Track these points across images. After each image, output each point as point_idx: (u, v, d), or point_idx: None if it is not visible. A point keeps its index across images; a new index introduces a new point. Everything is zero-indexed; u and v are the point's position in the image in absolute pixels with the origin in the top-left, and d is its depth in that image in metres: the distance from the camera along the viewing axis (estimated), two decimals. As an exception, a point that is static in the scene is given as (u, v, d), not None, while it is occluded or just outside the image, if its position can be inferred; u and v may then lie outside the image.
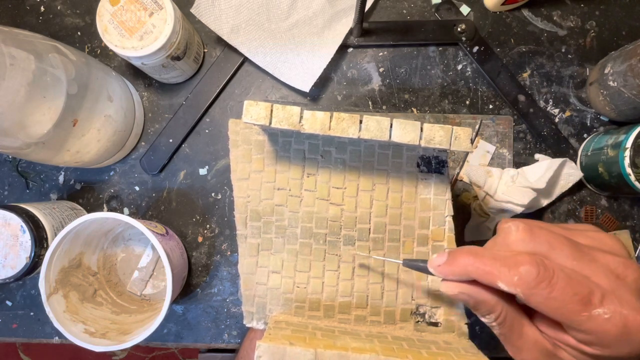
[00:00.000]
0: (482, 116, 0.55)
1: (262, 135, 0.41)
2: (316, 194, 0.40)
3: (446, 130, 0.34)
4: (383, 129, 0.34)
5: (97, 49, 0.58)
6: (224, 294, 0.56)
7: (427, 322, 0.40)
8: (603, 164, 0.49)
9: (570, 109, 0.56)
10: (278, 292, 0.40)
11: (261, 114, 0.34)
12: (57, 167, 0.57)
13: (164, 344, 0.56)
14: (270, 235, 0.41)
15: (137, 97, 0.56)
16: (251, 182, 0.41)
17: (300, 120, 0.34)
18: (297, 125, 0.34)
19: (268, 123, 0.34)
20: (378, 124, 0.34)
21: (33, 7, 0.58)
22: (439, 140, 0.34)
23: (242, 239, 0.41)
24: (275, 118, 0.34)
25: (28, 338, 0.57)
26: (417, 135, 0.34)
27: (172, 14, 0.46)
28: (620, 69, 0.48)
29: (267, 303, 0.41)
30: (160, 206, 0.57)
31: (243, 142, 0.41)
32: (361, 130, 0.34)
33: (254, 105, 0.34)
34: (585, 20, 0.56)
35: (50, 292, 0.46)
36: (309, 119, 0.34)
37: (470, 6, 0.57)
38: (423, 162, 0.40)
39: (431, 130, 0.34)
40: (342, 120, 0.34)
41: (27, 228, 0.47)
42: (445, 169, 0.40)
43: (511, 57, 0.56)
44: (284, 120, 0.34)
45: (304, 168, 0.40)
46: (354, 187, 0.40)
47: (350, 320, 0.40)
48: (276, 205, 0.40)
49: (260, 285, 0.41)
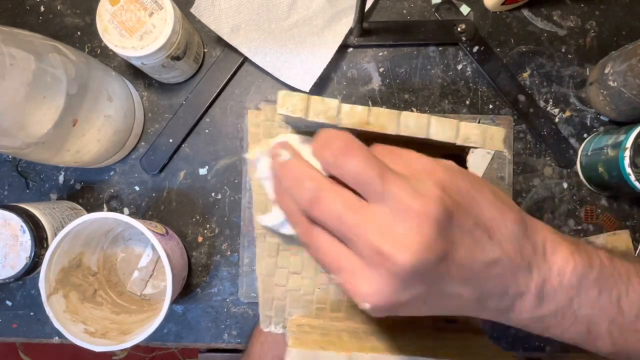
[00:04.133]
0: (482, 116, 0.55)
1: (284, 128, 0.38)
2: None
3: (482, 129, 0.33)
4: (421, 126, 0.33)
5: (97, 49, 0.58)
6: (224, 294, 0.56)
7: (445, 319, 0.39)
8: (603, 164, 0.49)
9: (570, 109, 0.56)
10: (298, 294, 0.39)
11: (298, 105, 0.32)
12: (57, 167, 0.57)
13: (164, 344, 0.56)
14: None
15: (137, 97, 0.56)
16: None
17: (338, 114, 0.33)
18: (335, 119, 0.33)
19: (305, 115, 0.32)
20: (417, 120, 0.33)
21: (33, 7, 0.58)
22: (475, 139, 0.33)
23: (261, 238, 0.38)
24: (313, 111, 0.32)
25: (28, 338, 0.57)
26: (454, 134, 0.33)
27: (172, 14, 0.46)
28: (620, 69, 0.48)
29: (286, 306, 0.39)
30: (160, 206, 0.57)
31: (264, 135, 0.38)
32: (399, 126, 0.33)
33: (291, 96, 0.32)
34: (585, 20, 0.56)
35: (50, 292, 0.46)
36: (348, 112, 0.33)
37: (470, 6, 0.57)
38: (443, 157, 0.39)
39: (467, 128, 0.33)
40: (380, 116, 0.33)
41: (27, 228, 0.47)
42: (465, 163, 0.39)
43: (511, 57, 0.56)
44: (322, 114, 0.32)
45: None
46: None
47: (372, 320, 0.39)
48: None
49: (279, 287, 0.39)
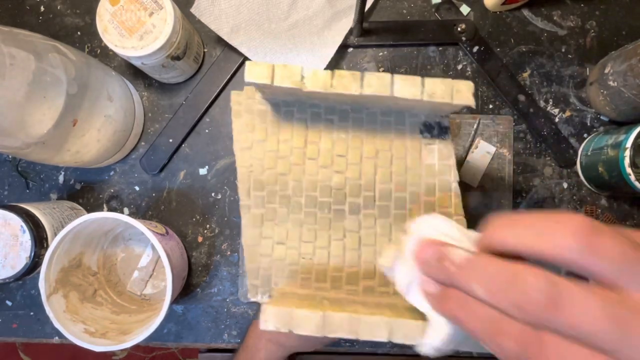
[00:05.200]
0: (482, 116, 0.55)
1: (264, 105, 0.40)
2: (319, 162, 0.40)
3: (447, 84, 0.34)
4: (385, 85, 0.34)
5: (97, 49, 0.58)
6: (224, 294, 0.56)
7: None
8: (603, 164, 0.49)
9: (570, 109, 0.56)
10: (283, 264, 0.39)
11: (263, 73, 0.34)
12: (57, 167, 0.57)
13: (164, 344, 0.56)
14: (274, 205, 0.40)
15: (137, 97, 0.56)
16: (254, 152, 0.40)
17: (302, 78, 0.34)
18: (299, 83, 0.34)
19: (270, 81, 0.34)
20: (380, 79, 0.34)
21: (33, 7, 0.58)
22: (441, 93, 0.34)
23: (245, 209, 0.40)
24: (278, 76, 0.34)
25: (28, 338, 0.57)
26: (418, 90, 0.34)
27: (172, 13, 0.46)
28: (620, 69, 0.48)
29: (272, 275, 0.40)
30: (160, 206, 0.57)
31: (246, 111, 0.40)
32: (363, 86, 0.34)
33: (256, 65, 0.34)
34: (585, 20, 0.56)
35: (50, 292, 0.46)
36: (311, 77, 0.34)
37: (470, 6, 0.57)
38: (426, 129, 0.40)
39: (433, 84, 0.34)
40: (343, 78, 0.34)
41: (27, 228, 0.47)
42: (448, 134, 0.40)
43: (511, 57, 0.56)
44: (286, 79, 0.34)
45: (307, 136, 0.40)
46: (357, 155, 0.40)
47: (358, 291, 0.39)
48: (279, 174, 0.40)
49: (265, 257, 0.40)
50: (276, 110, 0.40)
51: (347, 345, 0.56)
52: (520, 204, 0.55)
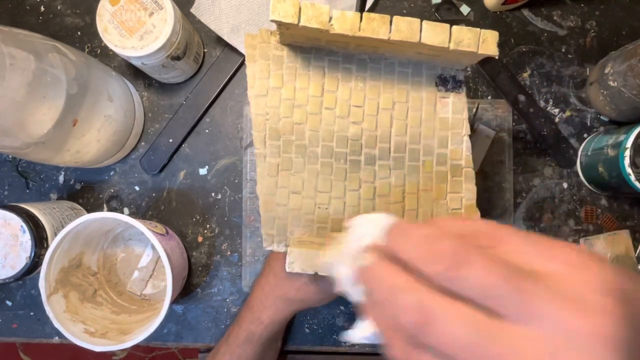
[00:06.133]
0: (481, 100, 0.55)
1: (280, 51, 0.39)
2: (336, 112, 0.39)
3: (474, 32, 0.33)
4: (414, 30, 0.33)
5: (97, 49, 0.58)
6: (224, 294, 0.56)
7: None
8: (603, 164, 0.49)
9: (570, 109, 0.56)
10: (299, 213, 0.39)
11: (289, 11, 0.33)
12: (57, 167, 0.57)
13: (164, 344, 0.56)
14: (290, 155, 0.39)
15: (137, 97, 0.56)
16: (269, 99, 0.39)
17: (329, 19, 0.33)
18: (327, 24, 0.33)
19: (296, 21, 0.33)
20: (409, 24, 0.33)
21: (33, 7, 0.58)
22: (467, 42, 0.33)
23: (260, 158, 0.39)
24: (304, 16, 0.33)
25: (28, 338, 0.57)
26: (446, 37, 0.33)
27: (172, 14, 0.46)
28: (620, 69, 0.48)
29: (287, 225, 0.39)
30: (160, 206, 0.57)
31: (261, 56, 0.39)
32: (392, 31, 0.33)
33: (282, 2, 0.33)
34: (585, 20, 0.56)
35: (50, 292, 0.46)
36: (339, 17, 0.33)
37: (470, 6, 0.57)
38: (441, 82, 0.40)
39: (460, 32, 0.33)
40: (372, 21, 0.33)
41: (27, 228, 0.47)
42: (462, 88, 0.40)
43: (511, 57, 0.56)
44: (313, 19, 0.33)
45: (324, 85, 0.39)
46: (374, 106, 0.40)
47: None
48: (296, 123, 0.39)
49: (281, 206, 0.39)
50: (293, 56, 0.39)
51: (347, 345, 0.56)
52: (520, 204, 0.55)
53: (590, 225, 0.55)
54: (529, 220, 0.55)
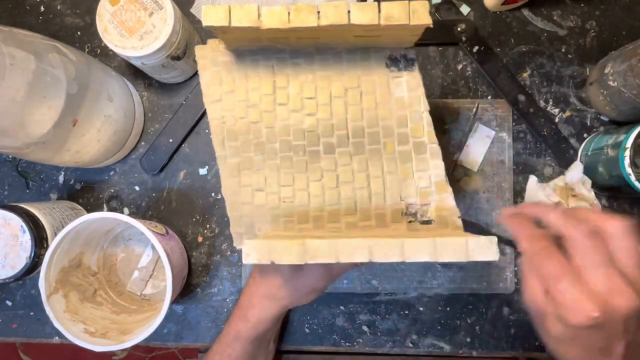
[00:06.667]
0: (480, 100, 0.55)
1: (229, 56, 0.40)
2: (290, 107, 0.40)
3: (403, 5, 0.34)
4: (342, 13, 0.34)
5: (97, 49, 0.58)
6: (224, 293, 0.56)
7: (419, 221, 0.40)
8: (603, 164, 0.49)
9: (570, 109, 0.56)
10: (265, 209, 0.40)
11: (220, 15, 0.34)
12: (57, 167, 0.57)
13: (164, 344, 0.56)
14: (249, 154, 0.40)
15: (137, 97, 0.56)
16: (224, 103, 0.40)
17: (258, 16, 0.34)
18: (256, 21, 0.34)
19: (228, 23, 0.34)
20: (336, 9, 0.34)
21: (33, 7, 0.58)
22: (398, 16, 0.34)
23: (221, 160, 0.40)
24: (235, 17, 0.34)
25: (28, 338, 0.57)
26: (375, 15, 0.34)
27: (172, 13, 0.46)
28: (620, 69, 0.48)
29: (255, 222, 0.40)
30: (160, 206, 0.57)
31: (211, 64, 0.41)
32: (320, 17, 0.34)
33: (213, 8, 0.34)
34: (585, 20, 0.56)
35: (50, 292, 0.46)
36: (267, 14, 0.34)
37: (470, 6, 0.57)
38: (392, 62, 0.40)
39: (389, 7, 0.34)
40: (300, 11, 0.34)
41: (27, 228, 0.47)
42: (414, 66, 0.40)
43: (511, 57, 0.56)
44: (244, 18, 0.34)
45: (275, 82, 0.40)
46: (326, 95, 0.40)
47: (341, 228, 0.40)
48: (252, 122, 0.40)
49: (246, 204, 0.40)
50: (241, 60, 0.40)
51: (347, 345, 0.56)
52: (520, 204, 0.55)
53: (590, 225, 0.55)
54: (529, 220, 0.55)
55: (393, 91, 0.40)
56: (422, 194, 0.40)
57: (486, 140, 0.55)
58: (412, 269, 0.55)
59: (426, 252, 0.32)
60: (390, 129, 0.40)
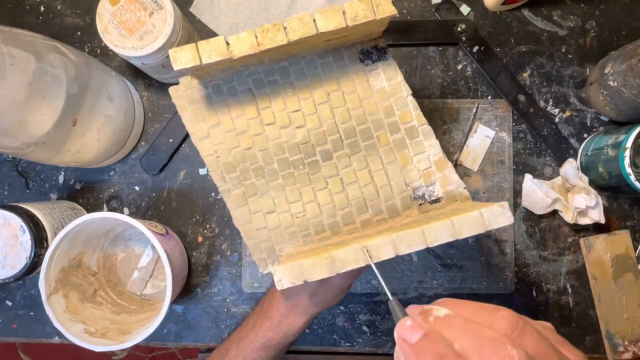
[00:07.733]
0: (480, 100, 0.55)
1: (204, 91, 0.41)
2: (278, 124, 0.41)
3: (366, 2, 0.34)
4: (308, 24, 0.34)
5: (97, 49, 0.58)
6: (224, 294, 0.56)
7: (429, 202, 0.41)
8: (603, 164, 0.49)
9: (570, 109, 0.56)
10: (280, 230, 0.41)
11: (189, 55, 0.34)
12: (57, 167, 0.57)
13: (164, 344, 0.56)
14: (251, 180, 0.41)
15: (137, 97, 0.56)
16: (213, 138, 0.41)
17: (227, 47, 0.34)
18: (227, 53, 0.34)
19: (199, 62, 0.34)
20: (301, 21, 0.34)
21: (33, 7, 0.58)
22: (363, 14, 0.34)
23: (226, 193, 0.41)
24: (204, 54, 0.34)
25: (28, 338, 0.57)
26: (342, 19, 0.34)
27: (172, 13, 0.46)
28: (620, 69, 0.48)
29: (274, 244, 0.41)
30: (160, 206, 0.57)
31: (189, 102, 0.41)
32: (288, 34, 0.34)
33: (179, 51, 0.34)
34: (585, 20, 0.56)
35: (50, 292, 0.46)
36: (235, 42, 0.34)
37: (470, 6, 0.57)
38: (365, 56, 0.41)
39: (352, 7, 0.34)
40: (267, 32, 0.34)
41: (27, 228, 0.47)
42: (387, 54, 0.41)
43: (511, 57, 0.56)
44: (213, 53, 0.34)
45: (257, 104, 0.40)
46: (310, 105, 0.41)
47: (357, 228, 0.41)
48: (245, 149, 0.41)
49: (261, 230, 0.41)
50: (218, 91, 0.40)
51: (347, 345, 0.56)
52: (520, 204, 0.55)
53: (591, 225, 0.55)
54: (528, 220, 0.55)
55: (373, 84, 0.41)
56: (424, 175, 0.41)
57: (486, 140, 0.55)
58: (412, 269, 0.55)
59: (447, 233, 0.32)
60: (380, 122, 0.41)
